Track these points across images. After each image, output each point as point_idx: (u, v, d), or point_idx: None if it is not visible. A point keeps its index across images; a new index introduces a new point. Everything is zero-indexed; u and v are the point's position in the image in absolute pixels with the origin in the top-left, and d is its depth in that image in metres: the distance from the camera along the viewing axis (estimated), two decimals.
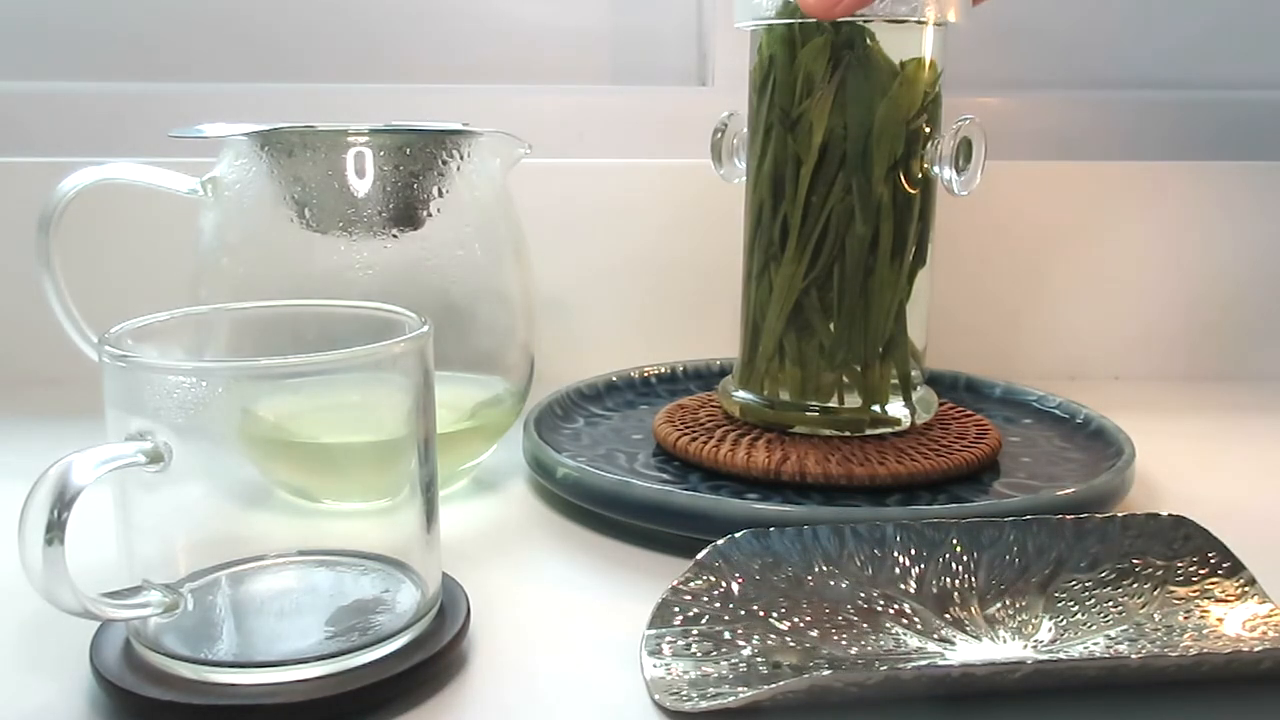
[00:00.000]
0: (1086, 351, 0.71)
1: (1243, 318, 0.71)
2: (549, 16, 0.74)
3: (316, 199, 0.44)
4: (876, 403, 0.49)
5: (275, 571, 0.34)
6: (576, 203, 0.67)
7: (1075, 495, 0.42)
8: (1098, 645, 0.34)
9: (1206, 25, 0.76)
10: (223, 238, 0.46)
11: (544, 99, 0.72)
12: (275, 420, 0.38)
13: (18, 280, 0.56)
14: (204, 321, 0.37)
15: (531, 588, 0.39)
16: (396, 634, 0.32)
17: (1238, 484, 0.51)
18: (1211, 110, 0.75)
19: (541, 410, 0.53)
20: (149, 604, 0.30)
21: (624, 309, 0.68)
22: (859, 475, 0.45)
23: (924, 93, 0.47)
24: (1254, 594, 0.36)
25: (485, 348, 0.48)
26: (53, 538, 0.27)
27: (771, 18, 0.47)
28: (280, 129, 0.44)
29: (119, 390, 0.30)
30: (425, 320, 0.33)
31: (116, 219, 0.62)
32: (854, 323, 0.48)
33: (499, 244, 0.48)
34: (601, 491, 0.43)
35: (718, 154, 0.51)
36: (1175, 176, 0.70)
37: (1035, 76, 0.75)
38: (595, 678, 0.33)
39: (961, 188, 0.47)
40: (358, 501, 0.36)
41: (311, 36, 0.73)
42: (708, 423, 0.51)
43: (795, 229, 0.48)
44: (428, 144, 0.45)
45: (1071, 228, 0.69)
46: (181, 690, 0.29)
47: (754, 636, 0.34)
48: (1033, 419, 0.56)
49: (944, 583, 0.37)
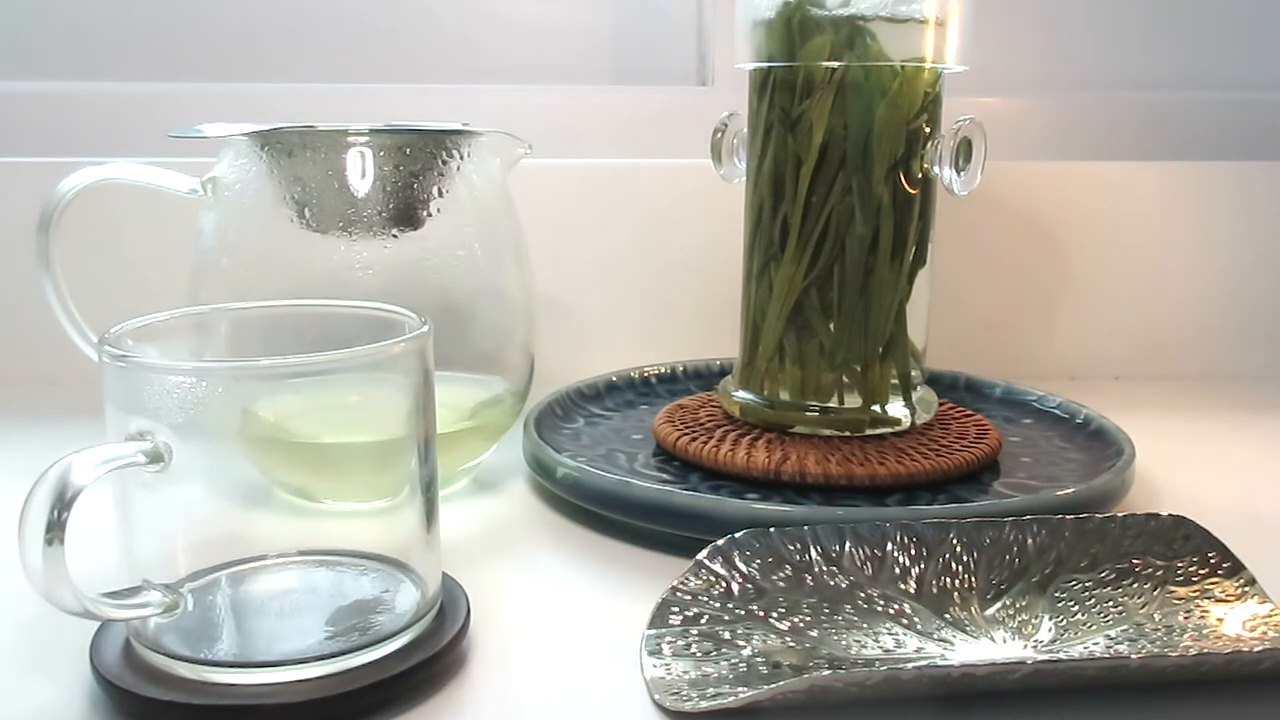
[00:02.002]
0: (1086, 351, 0.71)
1: (1243, 318, 0.71)
2: (549, 16, 0.74)
3: (316, 199, 0.44)
4: (876, 403, 0.49)
5: (275, 571, 0.34)
6: (576, 203, 0.67)
7: (1075, 495, 0.42)
8: (1098, 645, 0.34)
9: (1207, 25, 0.76)
10: (223, 238, 0.46)
11: (544, 99, 0.72)
12: (275, 420, 0.38)
13: (18, 280, 0.56)
14: (204, 321, 0.37)
15: (531, 588, 0.39)
16: (396, 634, 0.32)
17: (1238, 484, 0.51)
18: (1212, 110, 0.75)
19: (541, 410, 0.53)
20: (149, 604, 0.30)
21: (624, 309, 0.68)
22: (859, 475, 0.45)
23: (924, 93, 0.47)
24: (1254, 594, 0.36)
25: (485, 348, 0.48)
26: (53, 538, 0.27)
27: (770, 18, 0.47)
28: (280, 129, 0.44)
29: (119, 390, 0.30)
30: (425, 320, 0.33)
31: (116, 219, 0.62)
32: (854, 323, 0.48)
33: (499, 244, 0.48)
34: (601, 491, 0.43)
35: (718, 154, 0.51)
36: (1176, 177, 0.70)
37: (1035, 76, 0.75)
38: (595, 678, 0.33)
39: (961, 188, 0.47)
40: (358, 501, 0.36)
41: (311, 36, 0.73)
42: (708, 423, 0.51)
43: (795, 229, 0.48)
44: (428, 144, 0.45)
45: (1071, 228, 0.69)
46: (181, 690, 0.29)
47: (754, 636, 0.34)
48: (1033, 419, 0.56)
49: (944, 583, 0.37)
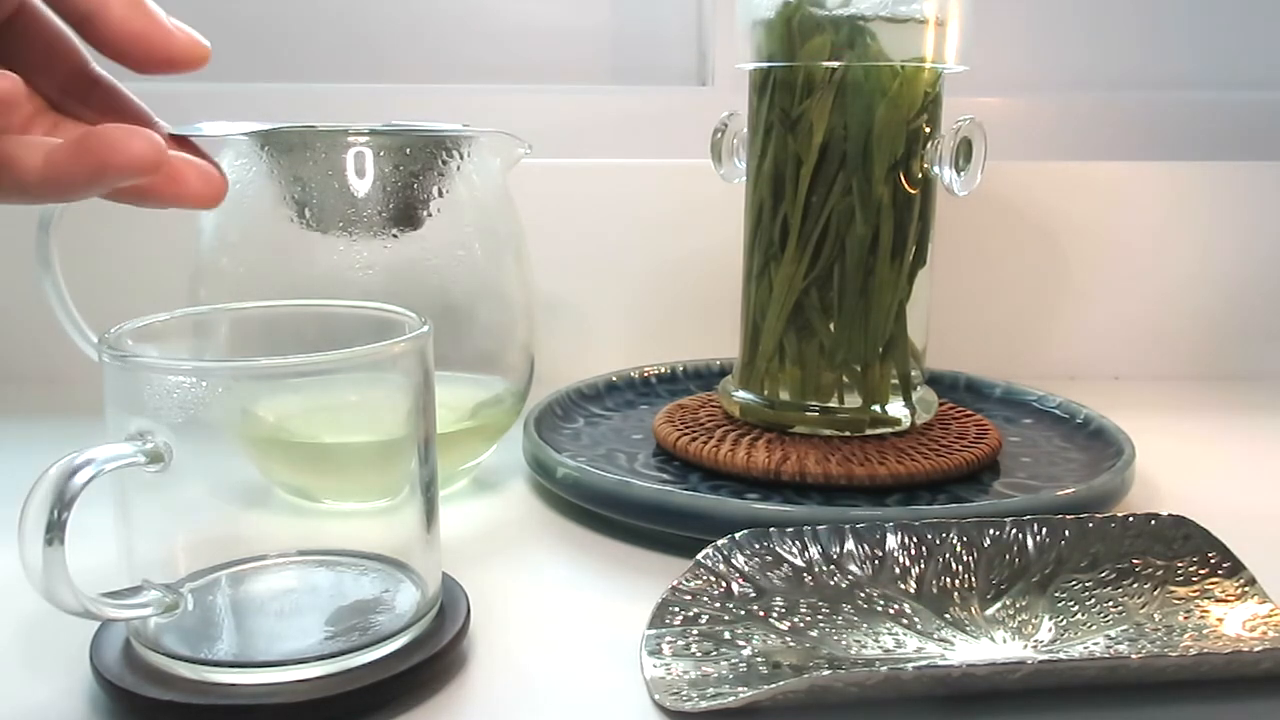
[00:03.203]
0: (1086, 351, 0.71)
1: (1243, 318, 0.71)
2: (549, 16, 0.74)
3: (316, 199, 0.44)
4: (876, 403, 0.49)
5: (275, 571, 0.34)
6: (576, 203, 0.67)
7: (1075, 495, 0.42)
8: (1098, 645, 0.34)
9: (1206, 25, 0.76)
10: (223, 238, 0.46)
11: (544, 99, 0.72)
12: (275, 420, 0.38)
13: (18, 280, 0.56)
14: (204, 321, 0.37)
15: (531, 588, 0.39)
16: (396, 634, 0.32)
17: (1238, 484, 0.51)
18: (1211, 110, 0.75)
19: (541, 410, 0.53)
20: (149, 604, 0.30)
21: (624, 309, 0.68)
22: (859, 475, 0.45)
23: (924, 93, 0.47)
24: (1254, 594, 0.36)
25: (485, 348, 0.48)
26: (53, 538, 0.27)
27: (770, 18, 0.47)
28: (280, 129, 0.44)
29: (119, 390, 0.30)
30: (425, 320, 0.33)
31: (116, 219, 0.62)
32: (854, 323, 0.48)
33: (499, 244, 0.48)
34: (601, 491, 0.43)
35: (718, 154, 0.51)
36: (1175, 176, 0.70)
37: (1035, 76, 0.75)
38: (595, 678, 0.33)
39: (961, 188, 0.47)
40: (358, 501, 0.36)
41: (312, 36, 0.73)
42: (708, 423, 0.51)
43: (795, 229, 0.48)
44: (428, 144, 0.45)
45: (1071, 228, 0.69)
46: (181, 690, 0.29)
47: (754, 636, 0.34)
48: (1033, 419, 0.56)
49: (944, 583, 0.37)
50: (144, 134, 0.26)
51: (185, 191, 0.30)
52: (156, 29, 0.29)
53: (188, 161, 0.30)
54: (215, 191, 0.31)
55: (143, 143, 0.26)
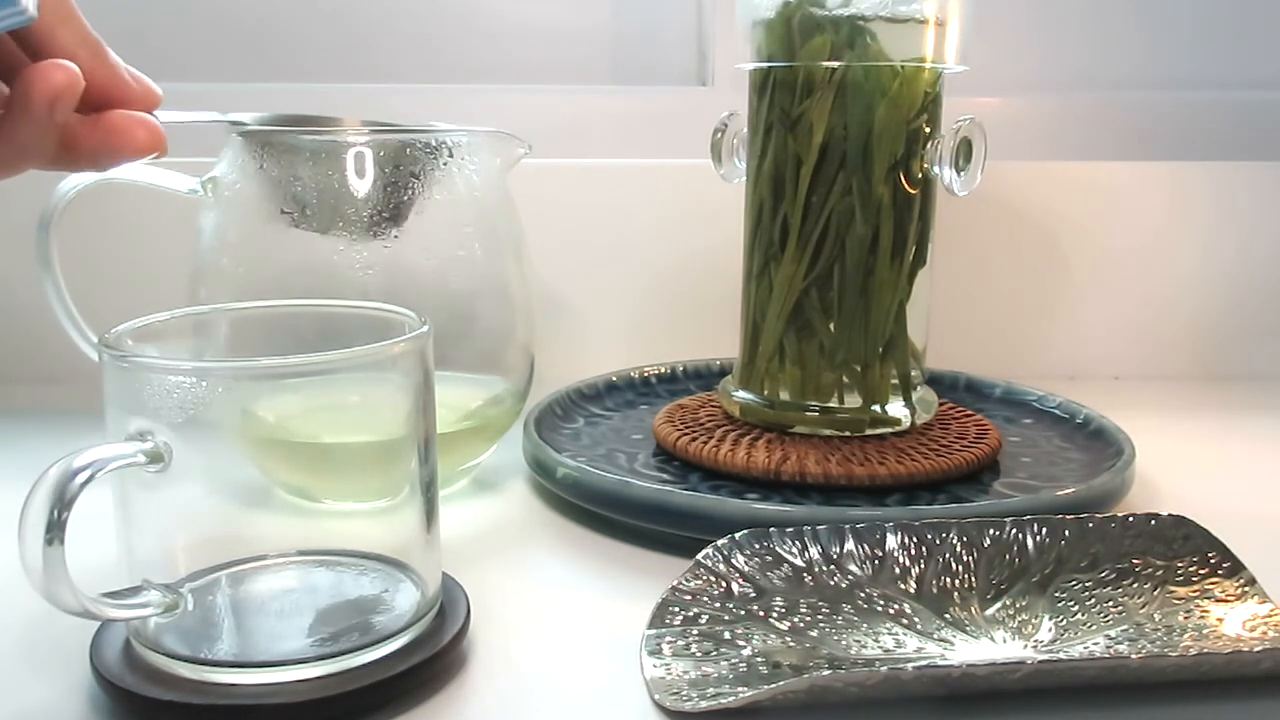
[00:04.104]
0: (1086, 351, 0.71)
1: (1243, 318, 0.71)
2: (549, 16, 0.74)
3: (316, 199, 0.44)
4: (876, 403, 0.49)
5: (275, 571, 0.34)
6: (576, 203, 0.67)
7: (1075, 495, 0.42)
8: (1098, 645, 0.34)
9: (1206, 25, 0.76)
10: (223, 238, 0.46)
11: (544, 99, 0.72)
12: (275, 420, 0.38)
13: (18, 280, 0.56)
14: (204, 321, 0.37)
15: (531, 588, 0.39)
16: (396, 634, 0.32)
17: (1238, 484, 0.51)
18: (1212, 110, 0.75)
19: (541, 410, 0.53)
20: (149, 604, 0.30)
21: (624, 309, 0.68)
22: (859, 475, 0.45)
23: (924, 93, 0.47)
24: (1254, 594, 0.36)
25: (485, 348, 0.48)
26: (53, 538, 0.27)
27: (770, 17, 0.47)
28: (284, 127, 0.44)
29: (119, 390, 0.30)
30: (425, 320, 0.33)
31: (116, 219, 0.62)
32: (854, 323, 0.48)
33: (499, 244, 0.48)
34: (601, 491, 0.43)
35: (718, 154, 0.51)
36: (1175, 177, 0.70)
37: (1035, 76, 0.75)
38: (595, 678, 0.33)
39: (961, 188, 0.47)
40: (358, 501, 0.36)
41: (312, 37, 0.73)
42: (708, 423, 0.51)
43: (795, 229, 0.48)
44: (428, 144, 0.45)
45: (1071, 228, 0.69)
46: (181, 690, 0.29)
47: (754, 636, 0.34)
48: (1033, 419, 0.56)
49: (944, 583, 0.37)
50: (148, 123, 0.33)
51: (131, 145, 0.34)
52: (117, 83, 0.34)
53: (127, 116, 0.34)
54: (157, 141, 0.34)
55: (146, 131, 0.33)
